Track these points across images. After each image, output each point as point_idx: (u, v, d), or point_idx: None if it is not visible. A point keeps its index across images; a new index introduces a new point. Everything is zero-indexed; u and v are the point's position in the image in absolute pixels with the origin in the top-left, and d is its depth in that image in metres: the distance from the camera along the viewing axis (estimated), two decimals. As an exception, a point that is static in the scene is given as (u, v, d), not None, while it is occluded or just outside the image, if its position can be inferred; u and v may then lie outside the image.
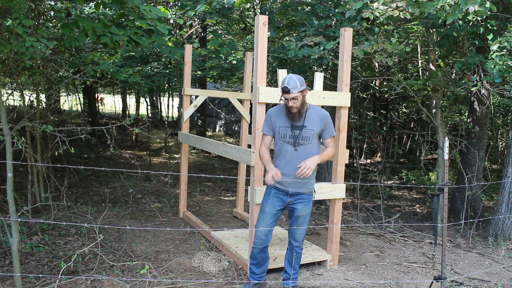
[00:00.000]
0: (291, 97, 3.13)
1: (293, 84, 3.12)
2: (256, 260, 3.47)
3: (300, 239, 3.46)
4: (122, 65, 8.50)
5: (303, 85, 3.15)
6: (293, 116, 3.22)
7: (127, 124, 4.06)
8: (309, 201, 3.38)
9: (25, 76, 7.33)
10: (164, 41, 5.42)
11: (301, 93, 3.15)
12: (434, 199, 3.39)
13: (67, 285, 3.49)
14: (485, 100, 6.68)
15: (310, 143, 3.26)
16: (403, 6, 4.71)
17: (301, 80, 3.17)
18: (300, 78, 3.17)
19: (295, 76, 3.17)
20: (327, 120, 3.31)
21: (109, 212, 5.66)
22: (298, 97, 3.14)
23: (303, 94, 3.19)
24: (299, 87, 3.11)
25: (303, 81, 3.18)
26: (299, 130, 3.25)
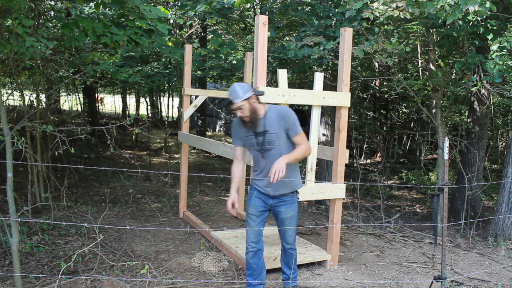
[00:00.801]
0: (236, 107, 3.04)
1: (235, 94, 3.02)
2: (251, 269, 3.32)
3: (291, 241, 3.39)
4: (122, 65, 8.50)
5: (247, 93, 3.02)
6: (246, 126, 3.11)
7: (127, 124, 4.06)
8: (293, 203, 3.27)
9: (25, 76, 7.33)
10: (164, 41, 5.42)
11: (247, 101, 3.03)
12: (434, 199, 3.39)
13: (67, 285, 3.49)
14: (485, 100, 6.68)
15: (277, 146, 3.11)
16: (403, 6, 4.71)
17: (245, 88, 3.04)
18: (243, 86, 3.05)
19: (238, 85, 3.06)
20: (288, 119, 3.09)
21: (109, 212, 5.66)
22: (244, 106, 3.02)
23: (250, 102, 3.04)
24: (241, 96, 3.00)
25: (247, 89, 3.04)
26: (263, 136, 3.12)
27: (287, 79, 3.80)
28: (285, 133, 3.11)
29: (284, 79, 3.76)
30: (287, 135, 3.12)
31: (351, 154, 9.39)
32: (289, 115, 3.10)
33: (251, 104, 3.05)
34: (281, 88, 3.72)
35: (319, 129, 5.92)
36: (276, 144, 3.10)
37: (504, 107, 11.59)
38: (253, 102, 3.06)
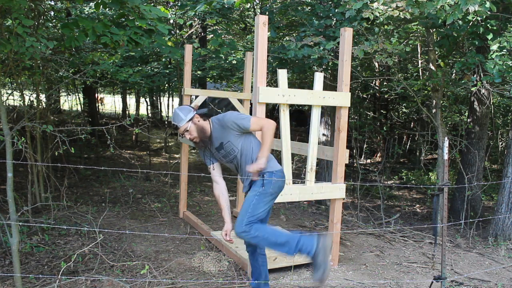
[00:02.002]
0: (182, 131, 3.05)
1: (177, 118, 3.04)
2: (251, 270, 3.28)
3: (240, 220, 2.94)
4: (122, 65, 8.49)
5: (189, 114, 3.04)
6: (199, 146, 3.13)
7: (127, 124, 4.06)
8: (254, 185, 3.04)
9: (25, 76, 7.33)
10: (164, 41, 5.42)
11: (191, 122, 3.04)
12: (434, 199, 3.39)
13: (67, 285, 3.49)
14: (485, 100, 6.68)
15: (240, 150, 3.06)
16: (403, 6, 4.71)
17: (186, 110, 3.06)
18: (184, 109, 3.07)
19: (178, 109, 3.07)
20: (229, 122, 3.01)
21: (109, 212, 5.66)
22: (190, 128, 3.04)
23: (194, 121, 3.05)
24: (184, 119, 3.02)
25: (187, 110, 3.06)
26: (222, 149, 3.10)
27: (287, 79, 3.80)
28: (240, 134, 3.05)
29: (284, 79, 3.76)
30: (242, 133, 3.05)
31: (351, 154, 9.39)
32: (228, 118, 3.03)
33: (196, 123, 3.05)
34: (281, 88, 3.73)
35: (319, 129, 5.92)
36: (237, 150, 3.06)
37: (504, 107, 11.58)
38: (197, 121, 3.06)
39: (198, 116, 3.07)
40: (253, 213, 2.94)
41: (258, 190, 3.00)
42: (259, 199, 2.98)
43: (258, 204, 2.97)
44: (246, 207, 2.96)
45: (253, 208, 2.95)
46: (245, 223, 2.90)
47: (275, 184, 3.04)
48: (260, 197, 2.99)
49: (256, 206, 2.96)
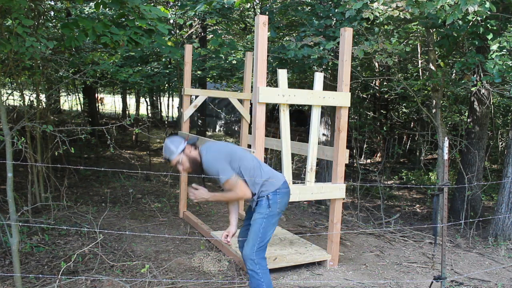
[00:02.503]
0: (174, 163, 2.99)
1: (169, 151, 2.96)
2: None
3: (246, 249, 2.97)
4: (122, 65, 8.49)
5: (180, 145, 2.96)
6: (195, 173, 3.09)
7: (127, 124, 4.06)
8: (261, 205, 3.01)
9: (25, 76, 7.33)
10: (164, 41, 5.42)
11: (183, 153, 2.97)
12: (434, 199, 3.39)
13: (67, 285, 3.49)
14: (485, 100, 6.68)
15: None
16: (403, 6, 4.71)
17: (176, 141, 2.97)
18: (174, 141, 2.98)
19: (169, 141, 2.98)
20: (209, 171, 2.96)
21: (109, 212, 5.66)
22: (181, 160, 2.98)
23: (186, 153, 2.98)
24: (175, 151, 2.94)
25: (178, 142, 2.97)
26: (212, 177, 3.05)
27: (287, 79, 3.80)
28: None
29: (284, 79, 3.76)
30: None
31: (351, 154, 9.39)
32: (209, 168, 2.95)
33: (187, 155, 2.99)
34: (281, 88, 3.73)
35: (319, 129, 5.92)
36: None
37: (504, 107, 11.58)
38: (189, 152, 2.99)
39: (189, 146, 3.00)
40: (263, 239, 2.98)
41: (265, 213, 2.99)
42: (267, 222, 2.99)
43: (267, 227, 2.99)
44: (256, 231, 2.97)
45: (263, 233, 2.97)
46: (255, 249, 2.95)
47: (281, 202, 3.04)
48: (268, 219, 2.99)
49: (265, 230, 2.98)
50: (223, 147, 3.09)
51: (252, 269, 2.95)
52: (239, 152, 3.08)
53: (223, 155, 2.97)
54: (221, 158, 2.95)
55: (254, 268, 2.94)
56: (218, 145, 3.09)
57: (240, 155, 3.03)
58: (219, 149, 3.02)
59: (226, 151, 3.00)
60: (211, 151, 2.99)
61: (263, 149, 3.71)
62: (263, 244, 2.98)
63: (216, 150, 3.00)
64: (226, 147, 3.10)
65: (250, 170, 3.02)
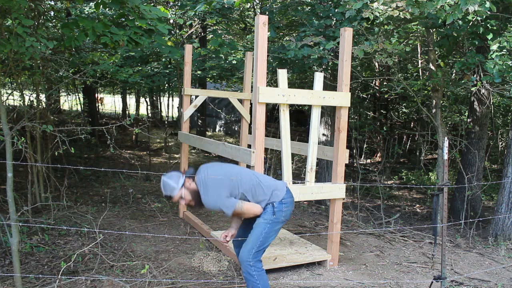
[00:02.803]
0: (177, 199, 2.96)
1: (169, 188, 2.92)
2: None
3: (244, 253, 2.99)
4: (122, 65, 8.49)
5: (179, 181, 2.92)
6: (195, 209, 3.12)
7: (127, 124, 4.06)
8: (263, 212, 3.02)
9: (25, 76, 7.34)
10: (164, 41, 5.42)
11: (183, 188, 2.94)
12: (434, 199, 3.39)
13: (67, 285, 3.49)
14: (485, 100, 6.68)
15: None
16: (403, 6, 4.71)
17: (175, 177, 2.93)
18: (172, 177, 2.94)
19: (167, 178, 2.93)
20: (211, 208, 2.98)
21: (109, 212, 5.66)
22: (183, 194, 2.95)
23: (186, 186, 2.95)
24: (177, 187, 2.91)
25: (177, 177, 2.94)
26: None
27: (287, 79, 3.80)
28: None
29: (284, 79, 3.76)
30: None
31: (351, 154, 9.39)
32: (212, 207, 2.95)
33: (188, 188, 2.95)
34: (281, 88, 3.73)
35: (319, 129, 5.92)
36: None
37: (504, 107, 11.58)
38: (189, 185, 2.96)
39: (188, 179, 2.96)
40: (263, 243, 2.98)
41: (269, 218, 2.98)
42: (270, 228, 2.98)
43: (269, 233, 2.98)
44: (257, 235, 2.96)
45: (264, 237, 2.96)
46: (253, 252, 2.95)
47: (286, 211, 3.03)
48: (272, 225, 2.98)
49: (267, 235, 2.97)
50: (219, 180, 2.97)
51: (248, 272, 2.95)
52: (237, 176, 3.02)
53: (222, 190, 2.91)
54: (221, 194, 2.91)
55: (250, 271, 2.95)
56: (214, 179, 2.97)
57: (239, 180, 2.99)
58: (216, 185, 2.92)
59: (224, 184, 2.93)
60: (209, 191, 2.92)
61: (263, 149, 3.71)
62: (261, 249, 2.98)
63: (214, 188, 2.91)
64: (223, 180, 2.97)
65: (252, 189, 2.99)
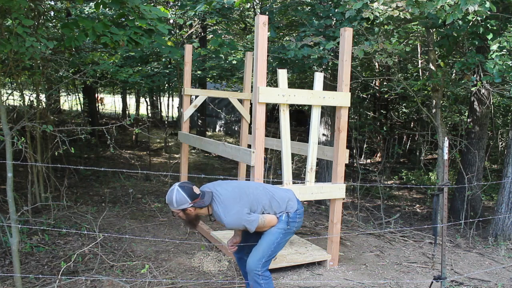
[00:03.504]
0: (173, 210, 2.84)
1: (169, 200, 2.79)
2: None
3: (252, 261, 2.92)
4: (122, 65, 8.49)
5: (183, 205, 2.74)
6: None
7: (127, 124, 4.06)
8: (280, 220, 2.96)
9: (25, 76, 7.34)
10: (164, 41, 5.42)
11: (182, 211, 2.79)
12: (434, 199, 3.39)
13: (67, 285, 3.49)
14: (485, 100, 6.68)
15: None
16: (403, 6, 4.71)
17: (182, 198, 2.75)
18: (180, 196, 2.75)
19: (176, 193, 2.76)
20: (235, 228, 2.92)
21: (109, 212, 5.66)
22: (180, 214, 2.82)
23: (187, 212, 2.80)
24: (175, 206, 2.76)
25: (183, 200, 2.74)
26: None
27: (287, 79, 3.81)
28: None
29: (284, 79, 3.76)
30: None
31: (351, 154, 9.38)
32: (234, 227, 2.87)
33: (188, 214, 2.82)
34: (281, 88, 3.73)
35: (319, 129, 5.92)
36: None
37: (504, 107, 11.58)
38: (190, 211, 2.81)
39: (192, 209, 2.80)
40: (274, 253, 2.95)
41: (283, 228, 2.94)
42: (283, 238, 2.95)
43: (280, 243, 2.96)
44: (269, 244, 2.91)
45: (275, 247, 2.93)
46: (262, 262, 2.89)
47: (299, 222, 3.02)
48: (284, 235, 2.95)
49: (278, 245, 2.94)
50: (236, 196, 2.87)
51: (256, 281, 2.89)
52: (254, 192, 2.94)
53: (243, 207, 2.83)
54: (243, 212, 2.82)
55: (258, 280, 2.89)
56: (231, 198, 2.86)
57: (255, 195, 2.92)
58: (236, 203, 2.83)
59: (242, 200, 2.85)
60: (229, 210, 2.81)
61: (263, 149, 3.71)
62: (271, 258, 2.95)
63: (234, 206, 2.82)
64: (240, 196, 2.88)
65: (269, 203, 2.94)
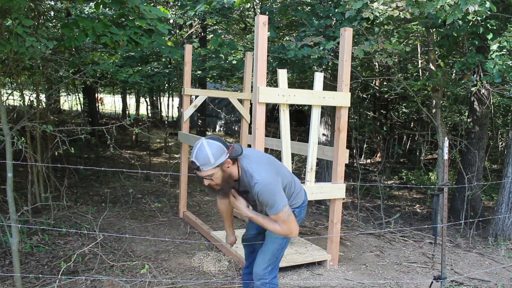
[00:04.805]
0: (203, 175, 2.30)
1: (203, 159, 2.24)
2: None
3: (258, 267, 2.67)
4: (122, 65, 8.49)
5: (221, 158, 2.26)
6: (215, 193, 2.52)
7: (127, 124, 4.06)
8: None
9: (25, 76, 7.33)
10: (164, 41, 5.42)
11: (219, 168, 2.29)
12: (434, 199, 3.39)
13: (67, 285, 3.49)
14: (485, 100, 6.68)
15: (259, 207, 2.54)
16: (403, 6, 4.71)
17: (218, 149, 2.26)
18: (216, 148, 2.26)
19: (208, 145, 2.26)
20: (260, 197, 2.35)
21: (109, 212, 5.66)
22: (216, 174, 2.30)
23: (224, 168, 2.31)
24: (212, 163, 2.25)
25: (220, 153, 2.26)
26: (245, 194, 2.52)
27: (287, 79, 3.81)
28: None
29: (284, 79, 3.76)
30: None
31: (351, 154, 9.38)
32: (262, 193, 2.33)
33: (224, 170, 2.34)
34: (281, 88, 3.73)
35: (319, 129, 5.92)
36: (258, 206, 2.54)
37: (504, 107, 11.58)
38: (227, 167, 2.35)
39: (229, 160, 2.33)
40: (278, 257, 2.71)
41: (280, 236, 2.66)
42: (287, 242, 2.71)
43: (285, 246, 2.73)
44: (274, 251, 2.65)
45: (280, 252, 2.70)
46: (269, 270, 2.66)
47: (304, 216, 2.81)
48: (288, 239, 2.69)
49: (283, 249, 2.71)
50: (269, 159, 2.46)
51: (264, 283, 2.67)
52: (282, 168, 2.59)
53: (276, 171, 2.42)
54: (276, 178, 2.37)
55: (266, 286, 2.67)
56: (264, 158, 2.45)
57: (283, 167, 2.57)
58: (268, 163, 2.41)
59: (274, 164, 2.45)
60: (263, 168, 2.37)
61: (263, 149, 3.71)
62: (277, 264, 2.72)
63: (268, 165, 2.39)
64: (270, 158, 2.50)
65: (290, 186, 2.60)
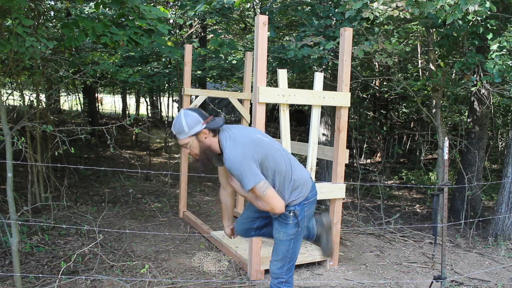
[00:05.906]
0: (180, 144, 2.35)
1: (179, 127, 2.29)
2: None
3: (274, 269, 2.60)
4: (122, 65, 8.49)
5: (196, 127, 2.28)
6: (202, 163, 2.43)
7: (127, 124, 4.06)
8: (283, 224, 2.52)
9: (25, 76, 7.33)
10: (164, 41, 5.42)
11: (195, 137, 2.31)
12: (434, 199, 3.39)
13: (67, 285, 3.49)
14: (485, 100, 6.68)
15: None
16: (403, 6, 4.71)
17: (192, 118, 2.28)
18: (190, 116, 2.29)
19: (185, 114, 2.30)
20: (231, 172, 2.32)
21: (109, 212, 5.66)
22: (191, 144, 2.32)
23: (199, 138, 2.31)
24: (186, 132, 2.28)
25: (194, 122, 2.28)
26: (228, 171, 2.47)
27: (287, 79, 3.81)
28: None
29: (284, 79, 3.76)
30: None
31: (351, 154, 9.38)
32: (232, 167, 2.28)
33: (201, 141, 2.33)
34: (281, 88, 3.73)
35: (319, 129, 5.92)
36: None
37: (504, 107, 11.58)
38: (204, 138, 2.33)
39: (207, 131, 2.33)
40: (293, 257, 2.62)
41: (293, 234, 2.56)
42: (296, 242, 2.59)
43: (296, 246, 2.61)
44: (284, 253, 2.56)
45: (292, 253, 2.59)
46: (285, 270, 2.59)
47: (309, 213, 2.64)
48: (297, 239, 2.59)
49: (294, 249, 2.59)
50: (253, 139, 2.36)
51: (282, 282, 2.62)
52: (274, 146, 2.45)
53: (253, 150, 2.30)
54: (249, 156, 2.28)
55: (282, 287, 2.63)
56: (245, 136, 2.37)
57: (276, 153, 2.42)
58: (246, 142, 2.32)
59: (257, 145, 2.33)
60: (237, 145, 2.30)
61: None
62: (293, 262, 2.64)
63: (244, 144, 2.31)
64: (257, 138, 2.39)
65: (282, 175, 2.45)
